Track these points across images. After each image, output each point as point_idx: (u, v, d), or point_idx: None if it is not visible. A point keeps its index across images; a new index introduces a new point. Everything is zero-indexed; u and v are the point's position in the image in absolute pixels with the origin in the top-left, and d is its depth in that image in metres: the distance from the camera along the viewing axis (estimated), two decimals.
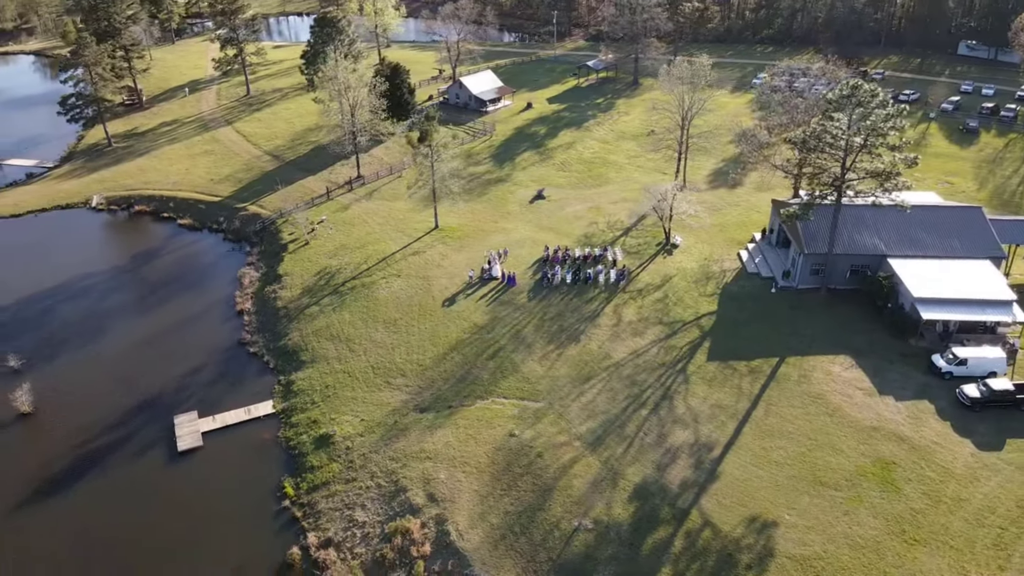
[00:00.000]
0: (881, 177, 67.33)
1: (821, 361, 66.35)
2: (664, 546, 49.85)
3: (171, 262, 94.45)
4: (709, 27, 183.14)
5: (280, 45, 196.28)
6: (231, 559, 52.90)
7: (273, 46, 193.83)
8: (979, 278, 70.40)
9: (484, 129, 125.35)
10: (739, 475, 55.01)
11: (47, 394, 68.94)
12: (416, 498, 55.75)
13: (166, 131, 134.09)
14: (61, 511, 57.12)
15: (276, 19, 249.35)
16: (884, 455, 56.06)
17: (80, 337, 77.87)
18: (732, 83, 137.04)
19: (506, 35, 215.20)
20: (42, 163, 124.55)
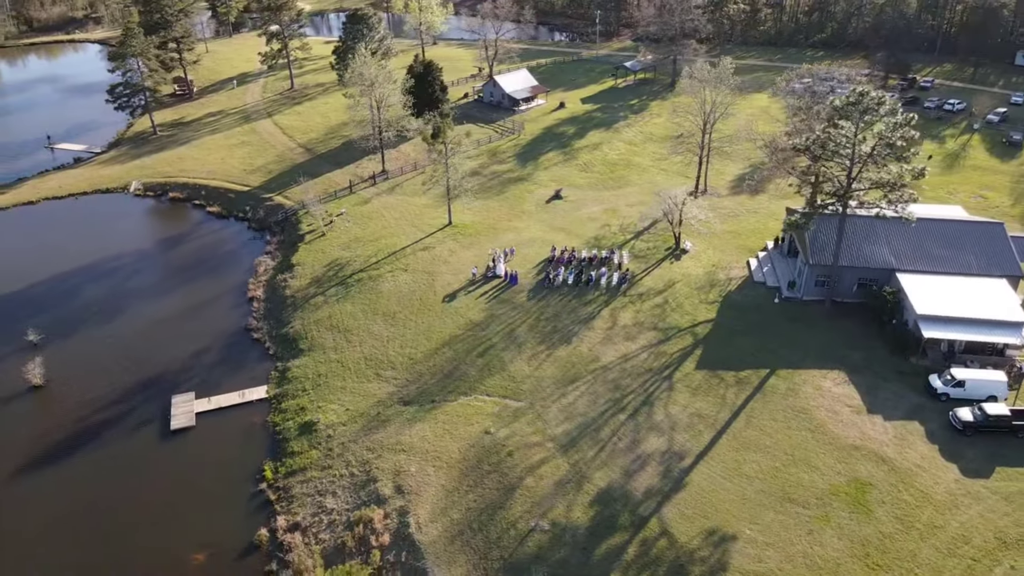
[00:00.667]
0: (886, 188, 65.01)
1: (813, 375, 64.58)
2: (617, 553, 49.45)
3: (195, 248, 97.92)
4: (761, 29, 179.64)
5: (330, 41, 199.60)
6: (202, 536, 54.65)
7: (324, 41, 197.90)
8: (992, 297, 67.34)
9: (512, 128, 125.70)
10: (706, 486, 54.10)
11: (59, 368, 72.44)
12: (384, 489, 56.65)
13: (210, 121, 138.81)
14: (55, 478, 59.97)
15: (331, 15, 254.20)
16: (861, 475, 54.29)
17: (98, 315, 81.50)
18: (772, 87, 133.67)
19: (556, 35, 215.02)
20: (90, 148, 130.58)
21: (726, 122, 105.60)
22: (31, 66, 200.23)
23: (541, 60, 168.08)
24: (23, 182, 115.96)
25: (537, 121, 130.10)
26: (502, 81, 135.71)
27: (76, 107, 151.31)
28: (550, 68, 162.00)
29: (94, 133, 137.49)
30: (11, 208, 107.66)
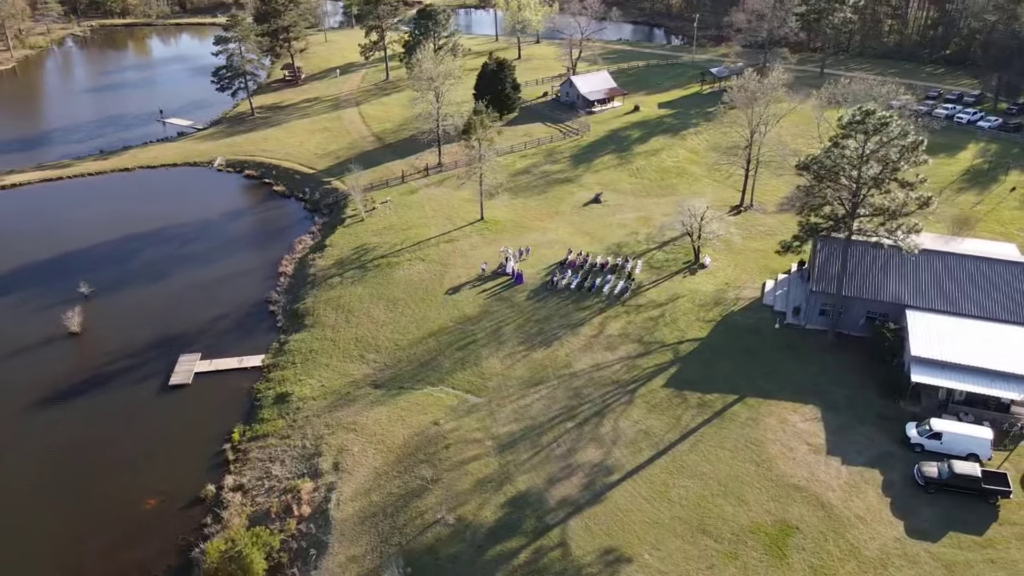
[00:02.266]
0: (885, 215, 60.07)
1: (783, 407, 60.98)
2: (508, 556, 49.42)
3: (250, 222, 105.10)
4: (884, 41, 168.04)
5: None
6: (161, 483, 59.24)
7: None
8: (1008, 347, 60.69)
9: (576, 129, 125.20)
10: (624, 504, 52.75)
11: (95, 319, 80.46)
12: (324, 464, 59.29)
13: (304, 107, 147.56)
14: (59, 415, 66.76)
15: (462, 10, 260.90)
16: (790, 518, 51.03)
17: (144, 275, 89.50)
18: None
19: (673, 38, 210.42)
20: (194, 124, 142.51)
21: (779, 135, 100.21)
22: (170, 45, 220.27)
23: (637, 62, 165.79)
24: (127, 151, 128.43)
25: (606, 123, 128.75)
26: (578, 82, 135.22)
27: (194, 86, 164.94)
28: (642, 71, 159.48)
29: (202, 111, 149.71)
30: (109, 173, 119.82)
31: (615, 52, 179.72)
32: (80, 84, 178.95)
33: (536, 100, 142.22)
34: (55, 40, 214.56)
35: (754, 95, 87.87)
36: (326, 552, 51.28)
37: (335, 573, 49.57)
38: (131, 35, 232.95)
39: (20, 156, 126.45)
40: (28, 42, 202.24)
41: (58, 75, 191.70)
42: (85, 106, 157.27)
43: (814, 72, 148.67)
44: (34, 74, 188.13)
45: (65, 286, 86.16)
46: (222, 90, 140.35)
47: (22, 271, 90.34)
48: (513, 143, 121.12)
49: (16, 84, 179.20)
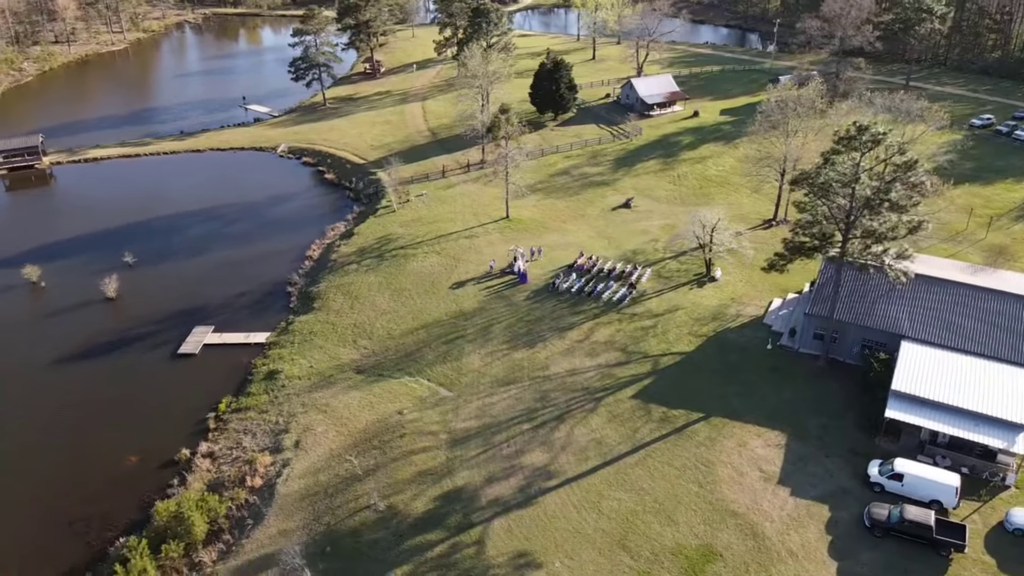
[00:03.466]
0: (871, 239, 56.41)
1: (748, 430, 58.58)
2: (424, 548, 50.18)
3: (295, 207, 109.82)
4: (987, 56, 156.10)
5: (526, 34, 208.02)
6: (144, 443, 63.53)
7: (519, 34, 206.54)
8: (1006, 390, 55.79)
9: (628, 132, 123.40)
10: (552, 510, 52.38)
11: (130, 287, 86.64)
12: (288, 441, 61.90)
13: (374, 100, 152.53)
14: (73, 373, 72.78)
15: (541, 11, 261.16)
16: (717, 544, 49.18)
17: (185, 249, 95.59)
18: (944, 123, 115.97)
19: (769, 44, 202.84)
20: (271, 112, 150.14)
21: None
22: (271, 35, 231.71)
23: (713, 67, 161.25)
24: (203, 133, 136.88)
25: (660, 127, 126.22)
26: (638, 84, 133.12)
27: (281, 75, 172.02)
28: (715, 76, 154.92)
29: (282, 99, 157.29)
30: (181, 153, 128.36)
31: (695, 55, 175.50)
32: (179, 68, 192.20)
33: (598, 101, 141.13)
34: (168, 25, 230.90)
35: (786, 107, 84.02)
36: (262, 523, 53.72)
37: (262, 543, 51.89)
38: (241, 24, 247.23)
39: (109, 132, 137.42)
40: (142, 26, 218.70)
41: (162, 59, 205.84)
42: (178, 89, 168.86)
43: (898, 84, 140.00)
44: (141, 56, 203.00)
45: (113, 254, 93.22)
46: (297, 80, 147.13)
47: (80, 238, 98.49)
48: (559, 143, 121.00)
49: (122, 65, 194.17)
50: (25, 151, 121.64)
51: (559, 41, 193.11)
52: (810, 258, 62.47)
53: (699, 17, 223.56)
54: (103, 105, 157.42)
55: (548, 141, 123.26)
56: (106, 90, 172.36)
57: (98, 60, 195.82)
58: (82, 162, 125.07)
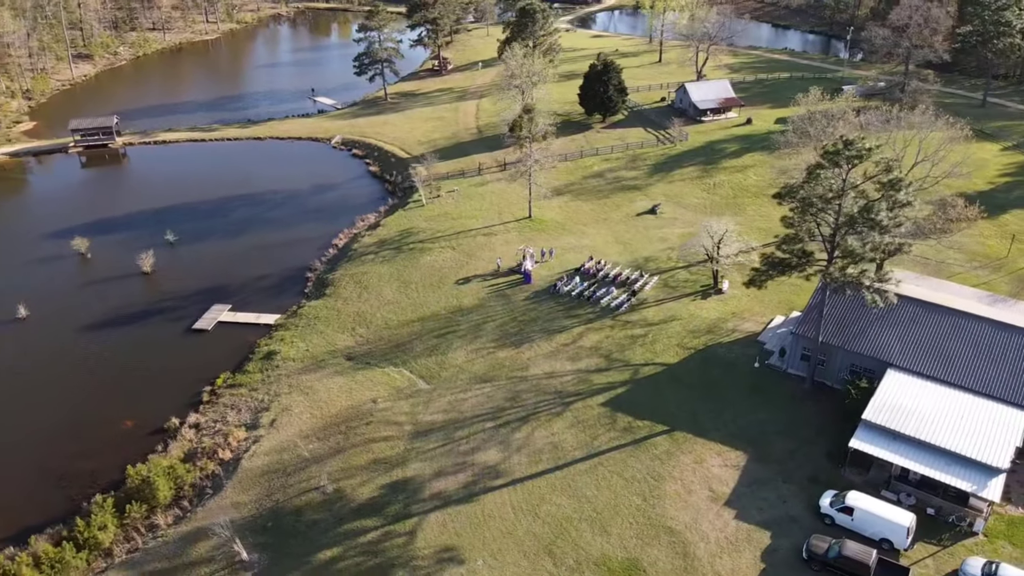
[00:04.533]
0: (847, 260, 53.59)
1: (709, 448, 56.97)
2: (357, 533, 51.53)
3: (334, 196, 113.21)
4: None
5: (600, 34, 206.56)
6: (142, 409, 67.54)
7: (592, 35, 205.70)
8: (987, 430, 52.12)
9: (673, 136, 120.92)
10: (490, 509, 52.67)
11: (164, 264, 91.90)
12: (265, 419, 64.60)
13: (433, 96, 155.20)
14: (96, 338, 78.02)
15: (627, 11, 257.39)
16: (645, 560, 48.25)
17: (223, 231, 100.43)
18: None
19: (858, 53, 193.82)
20: (335, 104, 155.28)
21: None
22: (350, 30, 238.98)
23: (782, 73, 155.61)
24: (268, 122, 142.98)
25: (708, 134, 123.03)
26: (692, 89, 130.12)
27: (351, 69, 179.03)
28: (781, 83, 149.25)
29: (349, 93, 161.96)
30: (243, 140, 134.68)
31: (768, 61, 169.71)
32: (262, 59, 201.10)
33: (652, 104, 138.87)
34: (263, 18, 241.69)
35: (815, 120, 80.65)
36: (219, 494, 56.42)
37: (213, 513, 54.44)
38: (332, 18, 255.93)
39: (184, 117, 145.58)
40: (237, 17, 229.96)
41: (248, 50, 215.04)
42: (256, 79, 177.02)
43: (975, 100, 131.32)
44: (230, 47, 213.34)
45: (159, 232, 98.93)
46: (360, 74, 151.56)
47: (132, 215, 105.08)
48: (600, 145, 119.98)
49: (211, 54, 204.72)
50: (100, 131, 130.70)
51: (631, 43, 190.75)
52: (789, 276, 59.86)
53: (784, 22, 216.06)
54: (184, 91, 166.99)
55: (591, 143, 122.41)
56: (190, 77, 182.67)
57: (190, 48, 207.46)
58: (152, 144, 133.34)
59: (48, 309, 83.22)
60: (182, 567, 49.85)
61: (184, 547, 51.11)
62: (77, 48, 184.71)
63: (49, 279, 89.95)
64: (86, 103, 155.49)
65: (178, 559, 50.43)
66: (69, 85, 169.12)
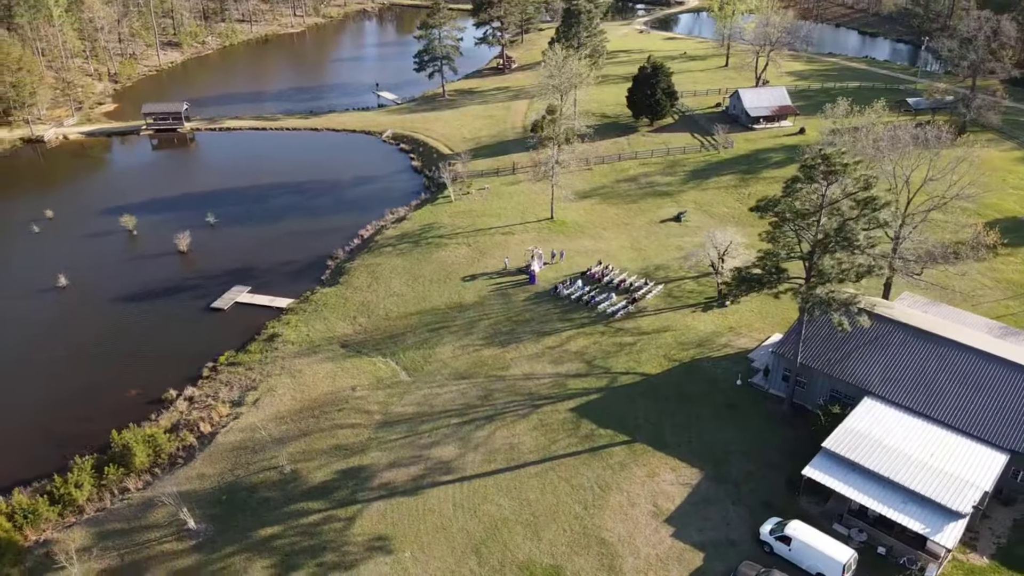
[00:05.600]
0: (816, 279, 51.10)
1: (665, 462, 55.76)
2: (302, 514, 53.19)
3: (373, 188, 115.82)
4: None
5: (673, 37, 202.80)
6: (148, 380, 71.28)
7: (665, 37, 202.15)
8: (960, 470, 48.77)
9: (717, 143, 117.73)
10: (431, 504, 53.40)
11: (199, 244, 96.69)
12: (249, 398, 67.30)
13: (490, 94, 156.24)
14: (122, 311, 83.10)
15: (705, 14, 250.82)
16: (569, 569, 47.88)
17: (261, 216, 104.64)
18: None
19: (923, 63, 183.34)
20: (396, 99, 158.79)
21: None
22: None
23: (851, 83, 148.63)
24: (328, 114, 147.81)
25: (757, 141, 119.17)
26: (745, 95, 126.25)
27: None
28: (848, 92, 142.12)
29: (411, 88, 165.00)
30: (301, 130, 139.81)
31: (842, 69, 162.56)
32: (338, 53, 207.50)
33: (706, 110, 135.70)
34: (349, 13, 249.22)
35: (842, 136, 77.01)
36: (189, 464, 59.31)
37: (179, 481, 57.29)
38: (416, 14, 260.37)
39: (253, 105, 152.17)
40: (323, 11, 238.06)
41: (328, 43, 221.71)
42: (328, 72, 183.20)
43: None
44: (312, 40, 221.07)
45: (202, 213, 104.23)
46: (419, 71, 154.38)
47: (182, 196, 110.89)
48: (641, 149, 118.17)
49: (293, 47, 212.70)
50: (171, 116, 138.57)
51: (703, 46, 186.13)
52: (759, 292, 57.57)
53: (871, 29, 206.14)
54: (259, 81, 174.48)
55: (632, 146, 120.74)
56: (268, 68, 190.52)
57: (276, 40, 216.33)
58: (217, 130, 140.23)
59: (87, 280, 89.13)
60: (137, 529, 52.84)
61: (144, 511, 54.10)
62: (168, 36, 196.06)
63: (95, 253, 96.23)
64: (169, 88, 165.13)
65: (136, 521, 53.47)
66: (155, 71, 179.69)
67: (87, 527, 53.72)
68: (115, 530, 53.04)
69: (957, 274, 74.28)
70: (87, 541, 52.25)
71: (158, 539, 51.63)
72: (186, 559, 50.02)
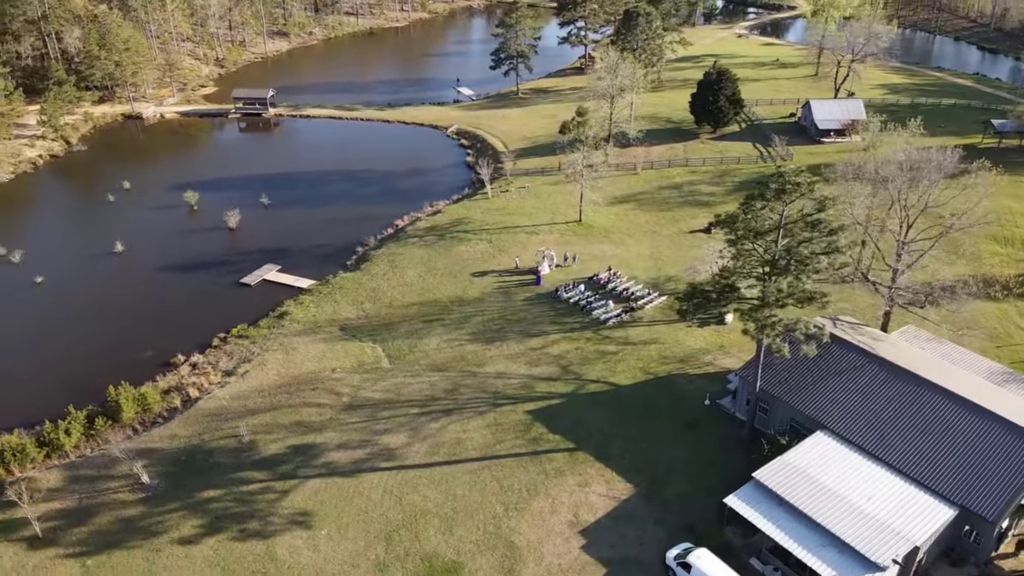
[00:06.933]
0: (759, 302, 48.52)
1: (602, 474, 54.97)
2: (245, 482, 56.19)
3: (423, 181, 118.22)
4: None
5: (770, 43, 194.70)
6: (163, 342, 76.40)
7: (763, 43, 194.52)
8: (891, 518, 45.33)
9: (775, 155, 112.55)
10: (363, 488, 54.99)
11: (247, 223, 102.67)
12: (241, 369, 71.27)
13: (563, 94, 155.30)
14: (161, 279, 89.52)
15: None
16: (468, 567, 48.35)
17: (311, 200, 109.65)
18: None
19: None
20: (472, 96, 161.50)
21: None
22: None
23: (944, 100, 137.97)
24: (403, 107, 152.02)
25: (821, 155, 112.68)
26: (816, 107, 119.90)
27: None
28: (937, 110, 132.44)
29: (490, 85, 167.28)
30: (374, 121, 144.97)
31: (942, 85, 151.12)
32: (434, 47, 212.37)
33: (778, 119, 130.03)
34: (455, 9, 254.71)
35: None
36: (166, 424, 63.75)
37: (153, 439, 61.68)
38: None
39: (337, 95, 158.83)
40: (429, 7, 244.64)
41: (428, 38, 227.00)
42: (417, 65, 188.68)
43: None
44: (415, 34, 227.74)
45: (258, 194, 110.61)
46: (494, 68, 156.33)
47: (246, 178, 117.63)
48: (693, 156, 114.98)
49: (394, 40, 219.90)
50: (257, 101, 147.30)
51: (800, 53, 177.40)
52: (710, 311, 55.03)
53: (991, 45, 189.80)
54: (352, 71, 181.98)
55: (688, 153, 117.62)
56: (365, 60, 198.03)
57: (379, 34, 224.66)
58: (298, 117, 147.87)
59: (140, 248, 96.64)
60: (102, 478, 57.48)
61: (113, 463, 58.64)
62: (278, 26, 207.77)
63: (155, 224, 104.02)
64: (271, 74, 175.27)
65: (103, 471, 58.15)
66: (261, 58, 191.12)
67: (64, 470, 58.94)
68: (84, 476, 57.94)
69: (951, 311, 67.65)
70: (59, 483, 57.42)
71: (115, 489, 56.03)
72: (131, 510, 54.05)
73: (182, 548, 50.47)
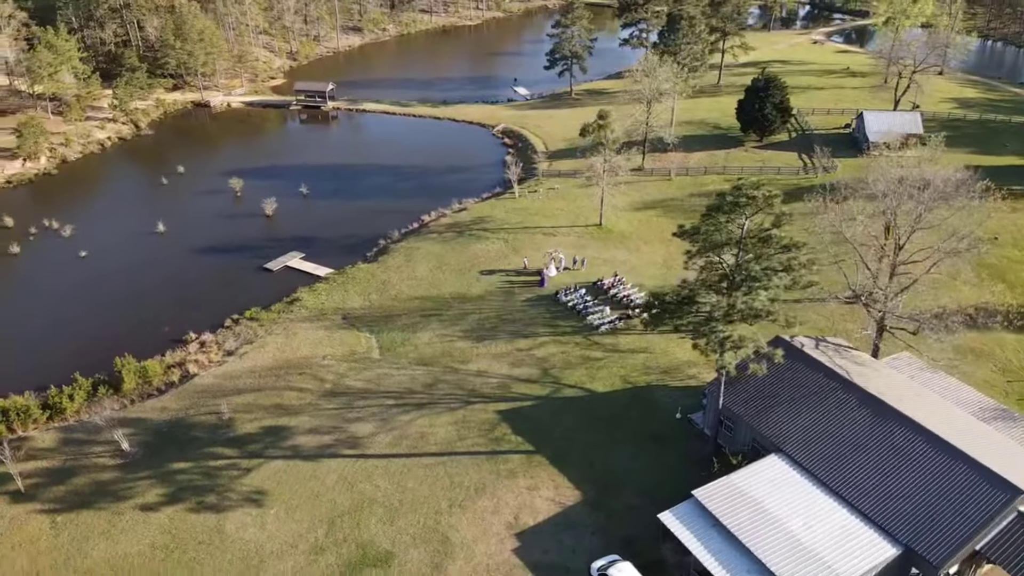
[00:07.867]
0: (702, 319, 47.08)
1: (553, 479, 54.69)
2: (216, 457, 58.60)
3: (458, 178, 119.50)
4: None
5: (845, 50, 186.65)
6: (179, 320, 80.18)
7: (836, 50, 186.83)
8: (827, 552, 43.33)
9: (819, 167, 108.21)
10: (320, 472, 56.48)
11: (284, 211, 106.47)
12: (242, 350, 74.23)
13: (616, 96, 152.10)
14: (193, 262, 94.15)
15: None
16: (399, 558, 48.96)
17: (349, 193, 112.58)
18: None
19: None
20: (527, 95, 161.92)
21: None
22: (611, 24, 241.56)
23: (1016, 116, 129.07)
24: (456, 105, 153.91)
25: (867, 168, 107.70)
26: (869, 119, 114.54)
27: None
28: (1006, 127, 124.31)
29: (546, 85, 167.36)
30: (425, 117, 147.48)
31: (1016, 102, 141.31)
32: (500, 46, 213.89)
33: (832, 130, 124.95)
34: (530, 8, 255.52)
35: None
36: (160, 397, 67.16)
37: (145, 410, 65.09)
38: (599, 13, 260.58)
39: (396, 91, 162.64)
40: (503, 6, 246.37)
41: (497, 37, 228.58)
42: (479, 63, 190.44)
43: None
44: (487, 33, 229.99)
45: (293, 186, 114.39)
46: (549, 68, 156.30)
47: (292, 167, 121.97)
48: (731, 164, 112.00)
49: (466, 38, 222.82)
50: (317, 94, 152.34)
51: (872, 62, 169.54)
52: (665, 323, 53.48)
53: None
54: (417, 68, 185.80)
55: (728, 160, 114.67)
56: (432, 57, 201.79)
57: (452, 32, 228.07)
58: (354, 111, 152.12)
59: (179, 229, 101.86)
60: (89, 442, 61.13)
61: (100, 429, 62.26)
62: (353, 21, 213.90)
63: (198, 207, 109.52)
64: (342, 69, 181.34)
65: (91, 436, 61.82)
66: (332, 53, 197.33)
67: (60, 433, 63.02)
68: (75, 439, 61.80)
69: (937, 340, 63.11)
70: (52, 444, 61.47)
71: (97, 454, 59.55)
72: (107, 474, 57.34)
73: (142, 514, 53.24)
